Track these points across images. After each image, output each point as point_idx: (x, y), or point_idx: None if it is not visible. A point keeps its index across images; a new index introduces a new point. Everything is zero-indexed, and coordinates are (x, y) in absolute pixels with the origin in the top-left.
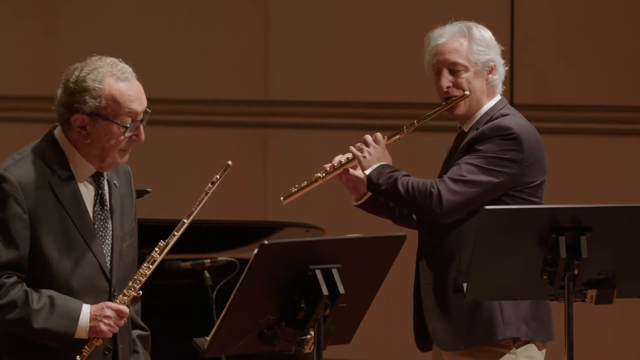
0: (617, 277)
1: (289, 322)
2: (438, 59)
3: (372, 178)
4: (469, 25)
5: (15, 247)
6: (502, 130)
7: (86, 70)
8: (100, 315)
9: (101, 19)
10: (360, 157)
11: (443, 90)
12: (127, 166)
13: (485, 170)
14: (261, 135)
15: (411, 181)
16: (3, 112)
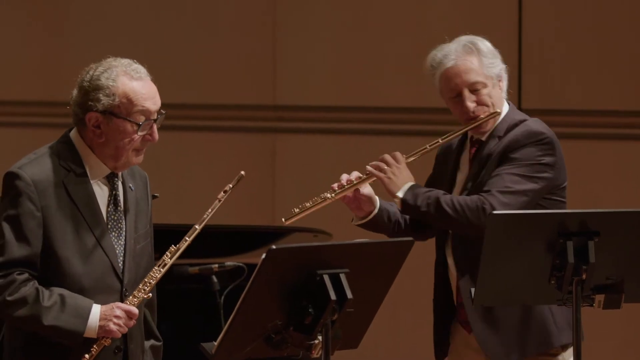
0: (625, 282)
1: (297, 327)
2: (456, 82)
3: (408, 201)
4: (471, 40)
5: (28, 245)
6: (535, 135)
7: (100, 69)
8: (110, 315)
9: (108, 25)
10: (383, 177)
11: (470, 112)
12: (143, 171)
13: (528, 178)
14: (269, 140)
15: (455, 199)
16: (11, 117)
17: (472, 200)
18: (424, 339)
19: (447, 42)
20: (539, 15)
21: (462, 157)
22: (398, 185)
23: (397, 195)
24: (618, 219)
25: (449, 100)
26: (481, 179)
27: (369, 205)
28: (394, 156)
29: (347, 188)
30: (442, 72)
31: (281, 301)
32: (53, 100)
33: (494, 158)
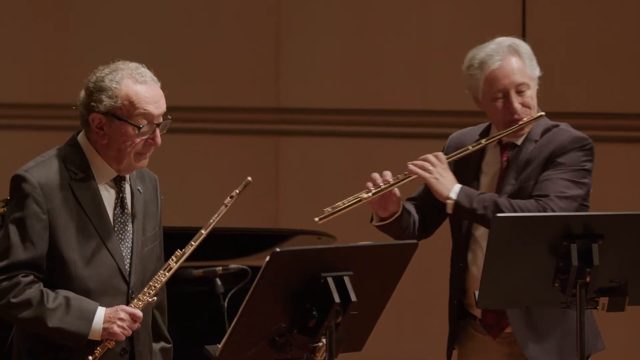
0: (629, 284)
1: (301, 329)
2: (504, 83)
3: (462, 203)
4: (514, 41)
5: (33, 247)
6: (580, 141)
7: (106, 71)
8: (114, 317)
9: (111, 27)
10: (431, 179)
11: (517, 113)
12: (153, 174)
13: (576, 183)
14: (273, 143)
15: (514, 203)
16: (14, 120)
17: (532, 205)
18: (427, 341)
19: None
20: (542, 18)
21: (486, 161)
22: (447, 186)
23: (450, 197)
24: (622, 221)
25: (491, 102)
26: (524, 183)
27: (395, 206)
28: (437, 156)
29: (385, 188)
30: (489, 72)
31: (285, 304)
32: (56, 103)
33: (538, 162)
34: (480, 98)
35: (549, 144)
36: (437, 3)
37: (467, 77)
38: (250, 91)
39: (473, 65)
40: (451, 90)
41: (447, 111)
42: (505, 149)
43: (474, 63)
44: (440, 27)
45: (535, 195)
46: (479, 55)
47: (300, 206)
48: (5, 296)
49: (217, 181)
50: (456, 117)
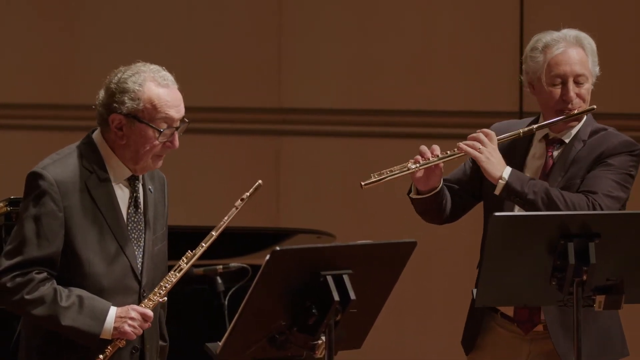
0: (625, 283)
1: (301, 327)
2: (565, 70)
3: (513, 185)
4: (580, 34)
5: (48, 244)
6: (631, 145)
7: (129, 72)
8: (125, 316)
9: (117, 29)
10: (482, 158)
11: (571, 101)
12: (162, 173)
13: (622, 186)
14: (274, 143)
15: (565, 194)
16: (23, 120)
17: (581, 199)
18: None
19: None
20: (541, 19)
21: (531, 154)
22: (498, 167)
23: (503, 177)
24: (618, 221)
25: (549, 87)
26: (570, 181)
27: (436, 181)
28: (488, 135)
29: (432, 162)
30: (551, 57)
31: (285, 302)
32: (63, 104)
33: (586, 161)
34: (536, 82)
35: (599, 145)
36: (438, 5)
37: (528, 59)
38: (253, 92)
39: (537, 48)
40: (452, 91)
41: (448, 111)
42: (552, 144)
43: (538, 46)
44: (440, 29)
45: (583, 191)
46: (545, 39)
47: (301, 205)
48: (19, 292)
49: (220, 180)
50: (457, 117)
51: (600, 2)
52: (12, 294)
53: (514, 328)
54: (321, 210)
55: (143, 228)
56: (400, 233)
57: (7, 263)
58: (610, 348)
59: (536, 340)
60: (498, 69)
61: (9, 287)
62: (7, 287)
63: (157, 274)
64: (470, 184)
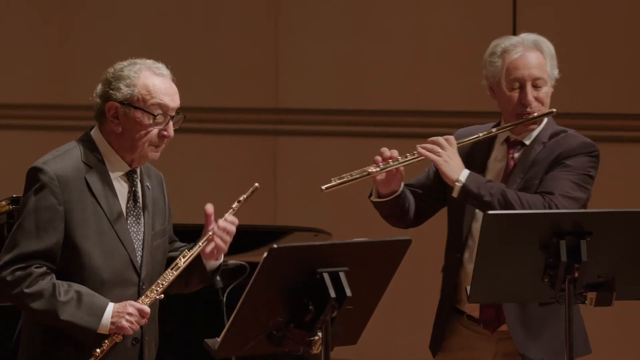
0: (617, 280)
1: (298, 323)
2: (523, 74)
3: (469, 187)
4: (538, 38)
5: (48, 238)
6: (589, 147)
7: (125, 63)
8: (123, 312)
9: (115, 29)
10: (440, 161)
11: (529, 105)
12: (159, 172)
13: (580, 187)
14: (271, 142)
15: (521, 195)
16: (23, 120)
17: (537, 199)
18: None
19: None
20: (533, 20)
21: (492, 158)
22: (456, 170)
23: (459, 180)
24: (610, 219)
25: (507, 91)
26: (529, 182)
27: (397, 184)
28: (447, 139)
29: (392, 165)
30: (510, 60)
31: (282, 299)
32: (62, 104)
33: (545, 162)
34: (496, 87)
35: (557, 147)
36: (431, 6)
37: (487, 64)
38: (250, 92)
39: (495, 53)
40: (446, 91)
41: (442, 111)
42: (513, 147)
43: (496, 51)
44: (434, 30)
45: (541, 192)
46: (503, 44)
47: (298, 204)
48: (18, 285)
49: (217, 180)
50: (451, 117)
51: (592, 2)
52: (11, 287)
53: (480, 329)
54: (318, 208)
55: (142, 222)
56: (396, 231)
57: (6, 257)
58: (573, 347)
59: (503, 340)
60: None
61: (8, 280)
62: (6, 280)
63: (155, 268)
64: (434, 188)
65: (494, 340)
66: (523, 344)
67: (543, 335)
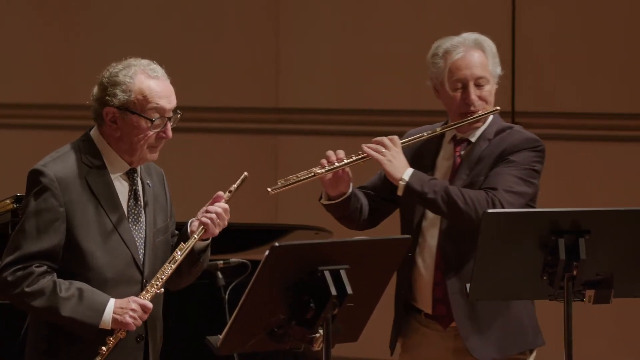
0: (615, 277)
1: (299, 321)
2: (465, 74)
3: (413, 185)
4: (480, 37)
5: (48, 238)
6: (533, 142)
7: (119, 67)
8: (126, 307)
9: (117, 29)
10: (384, 160)
11: (473, 104)
12: (159, 168)
13: (525, 181)
14: (272, 142)
15: (464, 191)
16: (25, 120)
17: (481, 195)
18: None
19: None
20: (533, 20)
21: (440, 157)
22: (399, 169)
23: (403, 178)
24: (608, 217)
25: (450, 92)
26: (474, 179)
27: (345, 186)
28: (391, 139)
29: (338, 166)
30: (452, 62)
31: (284, 296)
32: (63, 103)
33: (489, 159)
34: (440, 87)
35: (502, 143)
36: (431, 6)
37: (430, 66)
38: (250, 92)
39: (438, 54)
40: None
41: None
42: (459, 145)
43: (438, 52)
44: (432, 30)
45: (484, 188)
46: (445, 45)
47: (299, 202)
48: (19, 285)
49: (218, 178)
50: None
51: (591, 2)
52: (12, 287)
53: (437, 326)
54: (319, 207)
55: (144, 220)
56: (396, 229)
57: (8, 258)
58: (522, 339)
59: (459, 336)
60: None
61: (9, 280)
62: (7, 280)
63: (158, 265)
64: (385, 189)
65: (451, 337)
66: (471, 340)
67: (492, 331)
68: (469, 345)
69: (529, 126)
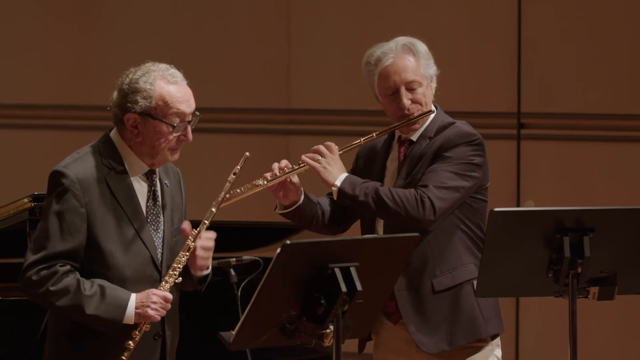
0: (618, 274)
1: (310, 317)
2: (394, 80)
3: (345, 190)
4: (410, 40)
5: (71, 238)
6: (468, 136)
7: (139, 73)
8: (147, 301)
9: (133, 31)
10: (319, 167)
11: (406, 109)
12: (176, 168)
13: (460, 175)
14: (282, 142)
15: (394, 191)
16: (42, 120)
17: (410, 193)
18: None
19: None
20: (538, 21)
21: (390, 158)
22: (334, 174)
23: (335, 184)
24: (612, 216)
25: (384, 98)
26: (413, 177)
27: (295, 194)
28: (328, 147)
29: (280, 177)
30: (381, 69)
31: (295, 293)
32: (84, 104)
33: (427, 156)
34: (377, 94)
35: (438, 140)
36: (436, 10)
37: (365, 74)
38: (262, 93)
39: (370, 63)
40: (452, 91)
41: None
42: (402, 146)
43: (370, 60)
44: (440, 31)
45: (417, 186)
46: (376, 53)
47: None
48: (44, 284)
49: None
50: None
51: (597, 4)
52: (37, 286)
53: (388, 322)
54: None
55: (162, 220)
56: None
57: (32, 258)
58: (473, 329)
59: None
60: (496, 69)
61: (34, 280)
62: (32, 280)
63: None
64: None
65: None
66: (418, 335)
67: (439, 324)
68: (417, 340)
69: (535, 127)
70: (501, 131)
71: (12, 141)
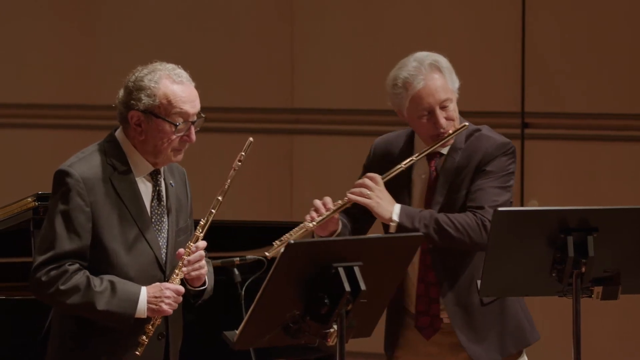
0: (622, 274)
1: (314, 316)
2: (429, 102)
3: (404, 224)
4: (434, 58)
5: (78, 238)
6: (505, 146)
7: (145, 71)
8: (160, 296)
9: (136, 32)
10: (372, 204)
11: (442, 127)
12: (182, 167)
13: (504, 189)
14: (287, 141)
15: (453, 218)
16: (45, 120)
17: (470, 219)
18: None
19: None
20: (542, 22)
21: (415, 172)
22: (387, 208)
23: (393, 219)
24: (616, 215)
25: (418, 119)
26: (455, 193)
27: (334, 225)
28: (372, 178)
29: (326, 216)
30: (414, 93)
31: (298, 292)
32: (88, 104)
33: (467, 171)
34: (406, 114)
35: (475, 152)
36: (441, 11)
37: (392, 96)
38: (266, 92)
39: (397, 85)
40: None
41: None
42: (432, 159)
43: (397, 83)
44: (444, 31)
45: (470, 207)
46: (402, 75)
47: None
48: (54, 284)
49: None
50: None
51: (600, 3)
52: (47, 287)
53: (420, 337)
54: None
55: (166, 220)
56: None
57: (40, 258)
58: (522, 336)
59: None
60: (500, 69)
61: (44, 280)
62: (42, 280)
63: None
64: (363, 207)
65: (447, 333)
66: (470, 346)
67: (489, 335)
68: (470, 352)
69: (539, 126)
70: (505, 131)
71: (13, 141)
